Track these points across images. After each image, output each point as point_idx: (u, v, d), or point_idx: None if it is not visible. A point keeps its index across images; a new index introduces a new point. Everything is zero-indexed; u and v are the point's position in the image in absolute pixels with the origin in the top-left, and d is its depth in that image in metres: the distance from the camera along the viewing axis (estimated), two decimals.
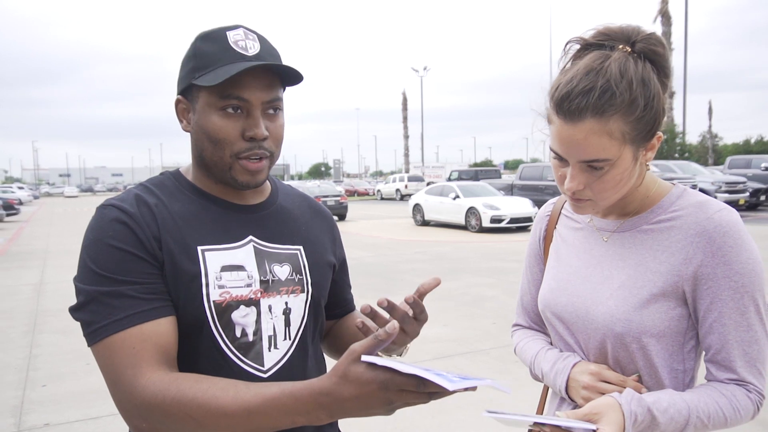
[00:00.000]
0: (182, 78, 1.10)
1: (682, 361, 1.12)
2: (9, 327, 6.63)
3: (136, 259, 1.01)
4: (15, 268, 11.11)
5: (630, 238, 1.17)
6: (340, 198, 21.49)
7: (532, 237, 1.41)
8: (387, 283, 8.68)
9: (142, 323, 0.98)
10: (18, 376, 4.93)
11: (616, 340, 1.12)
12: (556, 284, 1.26)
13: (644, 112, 1.03)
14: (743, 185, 18.37)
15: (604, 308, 1.13)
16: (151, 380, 0.94)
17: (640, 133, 1.05)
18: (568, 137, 1.05)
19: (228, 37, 1.07)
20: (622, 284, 1.13)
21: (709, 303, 1.06)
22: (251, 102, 1.06)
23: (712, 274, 1.05)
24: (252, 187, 1.13)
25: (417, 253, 12.08)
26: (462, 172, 31.76)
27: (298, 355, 1.15)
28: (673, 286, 1.09)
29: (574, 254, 1.25)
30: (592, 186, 1.08)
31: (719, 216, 1.07)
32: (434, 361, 5.01)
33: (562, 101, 1.04)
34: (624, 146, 1.04)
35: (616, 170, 1.06)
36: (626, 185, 1.10)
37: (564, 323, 1.23)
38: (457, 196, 16.74)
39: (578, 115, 1.02)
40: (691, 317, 1.10)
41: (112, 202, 1.07)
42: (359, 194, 46.88)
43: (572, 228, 1.29)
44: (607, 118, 1.01)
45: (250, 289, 1.10)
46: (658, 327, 1.09)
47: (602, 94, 1.01)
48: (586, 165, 1.06)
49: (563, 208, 1.34)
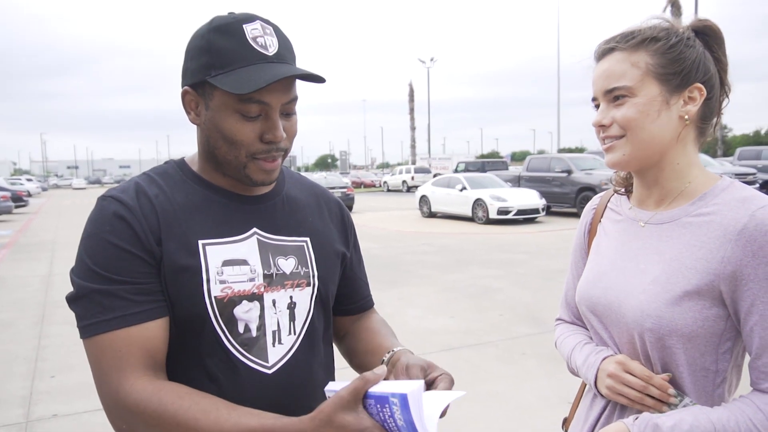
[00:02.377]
0: (193, 71, 1.03)
1: (715, 362, 1.07)
2: (18, 318, 6.68)
3: (131, 257, 0.99)
4: (24, 260, 11.19)
5: (668, 230, 1.13)
6: (347, 190, 21.50)
7: (578, 231, 1.39)
8: (394, 275, 8.67)
9: (130, 326, 0.97)
10: (27, 367, 4.97)
11: (646, 336, 1.08)
12: (592, 276, 1.24)
13: (672, 49, 1.09)
14: (753, 176, 18.21)
15: (636, 302, 1.10)
16: (134, 387, 0.95)
17: (667, 68, 1.08)
18: (597, 73, 1.14)
19: (246, 32, 1.01)
20: (656, 279, 1.09)
21: (749, 305, 1.01)
22: (271, 105, 1.02)
23: (753, 274, 1.00)
24: (266, 184, 1.11)
25: (424, 244, 12.06)
26: (469, 164, 31.64)
27: (303, 350, 1.12)
28: (708, 285, 1.03)
29: (613, 246, 1.23)
30: (617, 118, 1.10)
31: (762, 213, 1.01)
32: (441, 353, 5.00)
33: (599, 46, 1.16)
34: (647, 77, 1.09)
35: (637, 99, 1.08)
36: (656, 126, 1.09)
37: (597, 316, 1.20)
38: (464, 188, 16.69)
39: (608, 51, 1.13)
40: (731, 318, 1.05)
41: (112, 193, 1.05)
42: (366, 186, 46.87)
43: (614, 220, 1.27)
44: (631, 49, 1.10)
45: (253, 283, 1.07)
46: (691, 326, 1.04)
47: (628, 34, 1.12)
48: (608, 96, 1.12)
49: (609, 201, 1.32)
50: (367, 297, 1.36)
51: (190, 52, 1.05)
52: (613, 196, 1.32)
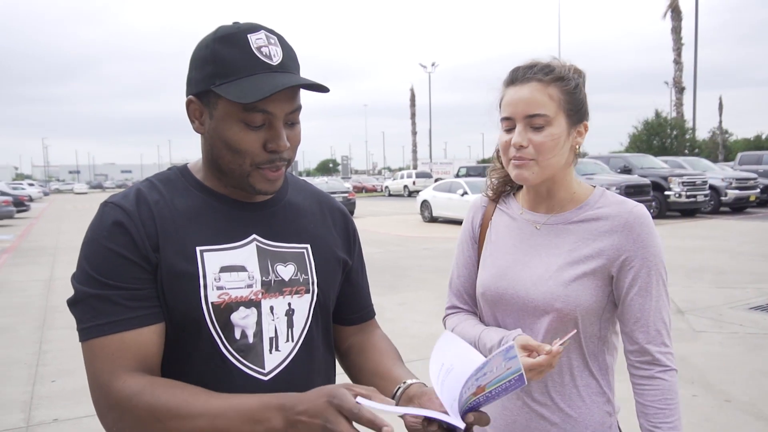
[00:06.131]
0: (198, 80, 1.04)
1: (599, 329, 1.36)
2: (19, 323, 6.68)
3: (127, 263, 1.00)
4: (25, 264, 11.19)
5: (562, 230, 1.38)
6: (348, 195, 21.49)
7: (467, 223, 1.56)
8: (394, 279, 8.67)
9: (123, 332, 0.99)
10: (27, 372, 4.96)
11: (555, 314, 1.32)
12: (496, 270, 1.42)
13: (575, 91, 1.33)
14: (754, 181, 18.20)
15: (545, 288, 1.33)
16: (126, 383, 0.96)
17: (572, 106, 1.32)
18: (516, 98, 1.32)
19: (250, 42, 1.01)
20: (560, 267, 1.34)
21: (632, 279, 1.30)
22: (275, 114, 1.03)
23: (634, 255, 1.30)
24: (269, 193, 1.11)
25: (424, 249, 12.06)
26: (470, 169, 31.65)
27: (301, 357, 1.12)
28: (602, 267, 1.32)
29: (512, 243, 1.43)
30: (534, 141, 1.30)
31: (637, 210, 1.33)
32: None
33: (512, 74, 1.35)
34: (560, 111, 1.31)
35: (553, 129, 1.30)
36: (560, 153, 1.32)
37: (502, 306, 1.40)
38: (465, 193, 16.68)
39: (525, 79, 1.32)
40: (612, 294, 1.34)
41: (113, 200, 1.07)
42: (367, 191, 46.80)
43: (507, 220, 1.48)
44: (547, 83, 1.31)
45: (250, 290, 1.07)
46: (589, 301, 1.31)
47: (544, 67, 1.33)
48: (529, 120, 1.30)
49: (499, 202, 1.53)
50: (369, 307, 1.35)
51: (195, 62, 1.05)
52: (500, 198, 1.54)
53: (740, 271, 8.60)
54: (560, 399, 1.35)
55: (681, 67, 34.22)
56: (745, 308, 6.52)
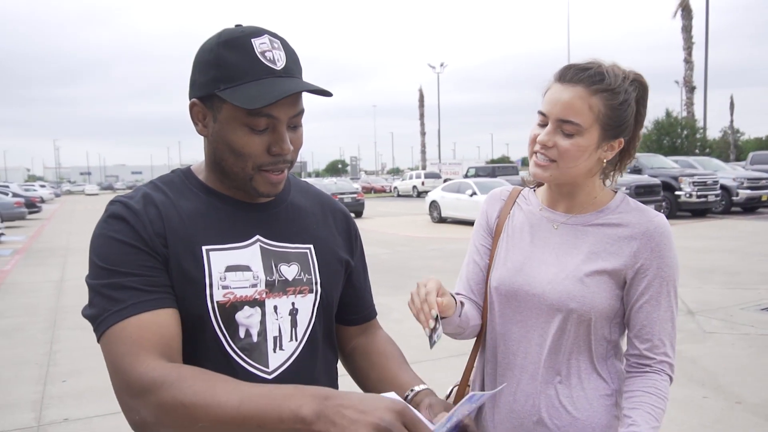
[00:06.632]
0: (201, 83, 1.05)
1: (610, 332, 1.37)
2: (30, 323, 6.73)
3: (136, 250, 1.01)
4: (36, 265, 11.29)
5: (581, 230, 1.38)
6: (357, 195, 21.50)
7: (483, 213, 1.55)
8: (401, 280, 8.66)
9: (140, 313, 0.97)
10: (38, 372, 5.00)
11: (568, 314, 1.32)
12: (512, 265, 1.42)
13: (620, 107, 1.28)
14: (766, 181, 18.02)
15: (561, 287, 1.33)
16: (150, 366, 0.92)
17: (611, 122, 1.29)
18: (557, 97, 1.29)
19: (254, 46, 1.02)
20: (577, 267, 1.34)
21: (644, 287, 1.31)
22: (279, 119, 1.04)
23: (649, 264, 1.31)
24: (272, 196, 1.12)
25: (433, 250, 12.04)
26: (479, 169, 31.60)
27: (305, 357, 1.13)
28: (617, 272, 1.32)
29: (529, 240, 1.43)
30: (559, 147, 1.29)
31: (658, 220, 1.33)
32: (450, 359, 4.98)
33: (565, 71, 1.30)
34: (595, 124, 1.28)
35: (582, 140, 1.28)
36: (584, 164, 1.31)
37: (516, 301, 1.39)
38: (474, 193, 16.64)
39: (573, 81, 1.28)
40: (623, 299, 1.34)
41: (120, 198, 1.08)
42: (376, 191, 46.84)
43: (525, 216, 1.47)
44: (592, 91, 1.27)
45: (255, 289, 1.08)
46: (603, 303, 1.32)
47: (595, 75, 1.28)
48: (561, 124, 1.28)
49: (518, 197, 1.52)
50: (371, 307, 1.36)
51: (199, 65, 1.06)
52: (521, 192, 1.53)
53: (751, 272, 8.53)
54: (568, 401, 1.34)
55: (692, 66, 33.98)
56: (757, 309, 6.47)
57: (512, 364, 1.40)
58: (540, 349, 1.36)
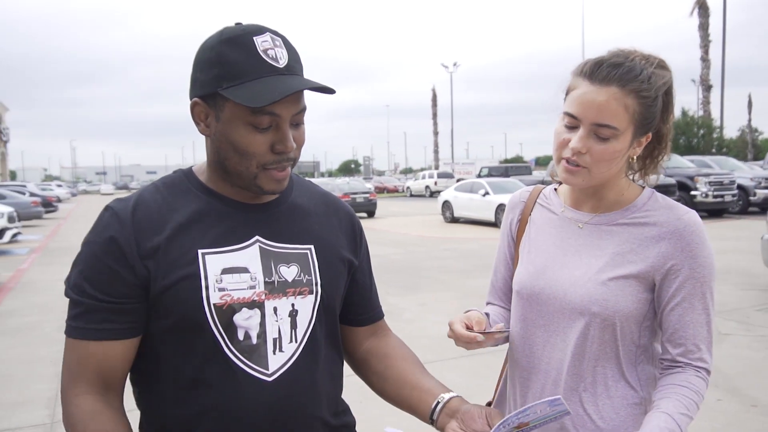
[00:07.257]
0: (203, 82, 1.04)
1: (639, 337, 1.29)
2: (45, 321, 6.81)
3: (114, 274, 1.04)
4: (52, 264, 11.41)
5: (606, 230, 1.31)
6: (370, 195, 21.52)
7: (506, 220, 1.52)
8: (413, 280, 8.65)
9: (90, 341, 1.04)
10: (53, 369, 5.05)
11: (591, 318, 1.26)
12: (534, 268, 1.37)
13: (653, 103, 1.21)
14: None
15: (584, 290, 1.27)
16: (76, 401, 1.04)
17: (644, 119, 1.21)
18: (591, 99, 1.19)
19: (256, 44, 1.02)
20: (601, 270, 1.27)
21: (675, 289, 1.23)
22: (282, 117, 1.03)
23: (680, 264, 1.22)
24: (277, 193, 1.12)
25: (445, 250, 12.02)
26: (492, 169, 31.52)
27: (305, 358, 1.11)
28: (645, 273, 1.24)
29: (551, 242, 1.37)
30: (593, 152, 1.20)
31: (688, 217, 1.25)
32: (461, 359, 4.96)
33: (594, 67, 1.20)
34: (630, 125, 1.20)
35: (617, 144, 1.20)
36: (616, 167, 1.25)
37: (539, 304, 1.34)
38: (487, 193, 16.60)
39: (606, 80, 1.18)
40: (653, 302, 1.27)
41: (113, 205, 1.10)
42: (389, 191, 46.87)
43: (547, 217, 1.41)
44: (627, 91, 1.18)
45: (253, 291, 1.07)
46: (629, 308, 1.25)
47: (629, 71, 1.18)
48: (596, 128, 1.19)
49: (538, 197, 1.46)
50: (378, 308, 1.35)
51: (200, 64, 1.05)
52: (541, 192, 1.46)
53: None
54: (593, 410, 1.27)
55: (708, 64, 33.65)
56: None
57: (537, 369, 1.35)
58: (563, 355, 1.30)
